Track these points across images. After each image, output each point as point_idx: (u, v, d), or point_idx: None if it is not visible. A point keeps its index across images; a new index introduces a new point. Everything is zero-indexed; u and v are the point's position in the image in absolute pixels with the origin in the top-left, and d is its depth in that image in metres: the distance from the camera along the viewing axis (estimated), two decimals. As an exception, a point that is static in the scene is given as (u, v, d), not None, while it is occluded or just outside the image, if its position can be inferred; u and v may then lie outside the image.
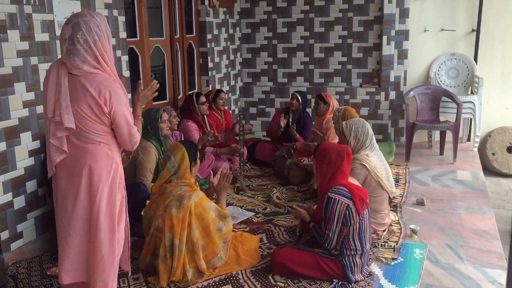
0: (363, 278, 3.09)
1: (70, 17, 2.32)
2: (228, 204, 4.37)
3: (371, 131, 3.76)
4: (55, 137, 2.30)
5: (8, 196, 3.28)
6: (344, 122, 3.83)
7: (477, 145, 6.24)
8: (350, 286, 3.02)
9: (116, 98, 2.32)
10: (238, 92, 7.23)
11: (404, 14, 6.35)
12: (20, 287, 3.05)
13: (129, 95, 4.53)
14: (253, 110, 7.27)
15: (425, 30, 6.50)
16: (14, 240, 3.34)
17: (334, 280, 3.07)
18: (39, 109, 3.46)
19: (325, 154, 3.13)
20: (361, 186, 3.27)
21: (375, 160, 3.71)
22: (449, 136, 5.89)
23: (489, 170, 6.58)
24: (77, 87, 2.27)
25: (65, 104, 2.25)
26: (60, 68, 2.29)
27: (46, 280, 3.18)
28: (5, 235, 3.26)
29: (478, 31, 6.34)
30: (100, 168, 2.34)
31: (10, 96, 3.26)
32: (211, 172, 3.50)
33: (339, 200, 2.99)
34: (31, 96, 3.43)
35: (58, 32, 3.56)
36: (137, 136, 2.49)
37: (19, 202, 3.37)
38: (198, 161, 3.27)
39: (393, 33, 6.42)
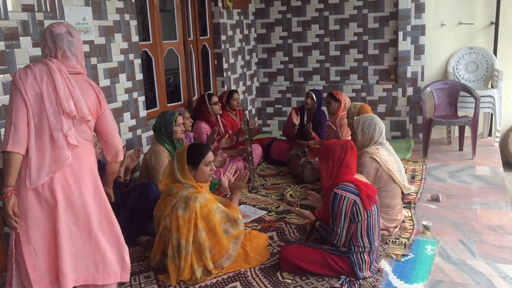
0: (371, 275, 3.07)
1: (63, 32, 2.42)
2: (241, 203, 4.41)
3: (380, 126, 3.72)
4: (70, 132, 2.34)
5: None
6: (355, 117, 3.83)
7: (498, 140, 6.10)
8: (358, 283, 3.01)
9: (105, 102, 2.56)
10: (254, 92, 7.26)
11: (419, 8, 6.26)
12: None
13: (143, 97, 4.64)
14: (270, 109, 7.30)
15: (442, 25, 6.38)
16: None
17: (342, 276, 3.07)
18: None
19: (329, 150, 3.12)
20: (369, 182, 3.25)
21: (386, 154, 3.69)
22: (468, 131, 5.78)
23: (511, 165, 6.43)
24: (83, 85, 2.43)
25: (79, 98, 2.37)
26: (60, 67, 2.37)
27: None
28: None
29: (497, 23, 6.20)
30: (94, 163, 2.50)
31: (24, 101, 3.36)
32: (221, 171, 3.53)
33: (345, 196, 2.98)
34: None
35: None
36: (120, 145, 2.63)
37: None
38: (204, 168, 3.15)
39: (409, 28, 6.34)
